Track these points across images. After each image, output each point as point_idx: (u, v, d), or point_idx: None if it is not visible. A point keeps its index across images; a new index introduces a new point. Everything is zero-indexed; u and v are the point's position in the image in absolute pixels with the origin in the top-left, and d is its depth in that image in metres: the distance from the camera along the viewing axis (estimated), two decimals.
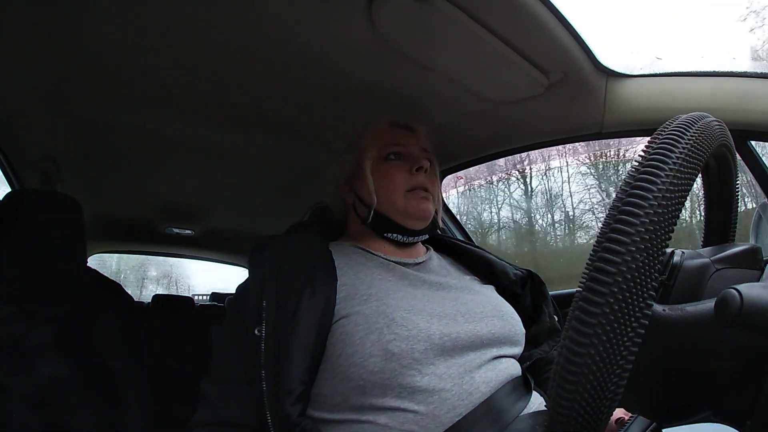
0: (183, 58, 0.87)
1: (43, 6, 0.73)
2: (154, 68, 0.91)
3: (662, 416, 0.38)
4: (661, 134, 0.31)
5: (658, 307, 0.33)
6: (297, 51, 0.84)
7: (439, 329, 0.66)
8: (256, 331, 0.65)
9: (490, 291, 0.82)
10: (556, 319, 0.86)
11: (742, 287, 0.29)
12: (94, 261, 2.51)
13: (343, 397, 0.64)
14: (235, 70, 0.91)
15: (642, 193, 0.28)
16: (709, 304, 0.33)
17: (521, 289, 0.86)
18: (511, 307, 0.79)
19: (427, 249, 0.89)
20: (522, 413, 0.64)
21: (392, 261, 0.80)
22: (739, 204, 0.48)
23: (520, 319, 0.78)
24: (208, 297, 2.79)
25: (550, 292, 0.89)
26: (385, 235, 0.82)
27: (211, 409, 0.66)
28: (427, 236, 0.87)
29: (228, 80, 0.95)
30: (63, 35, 0.80)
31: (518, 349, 0.75)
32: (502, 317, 0.74)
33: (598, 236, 0.29)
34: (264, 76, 0.93)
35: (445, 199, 1.48)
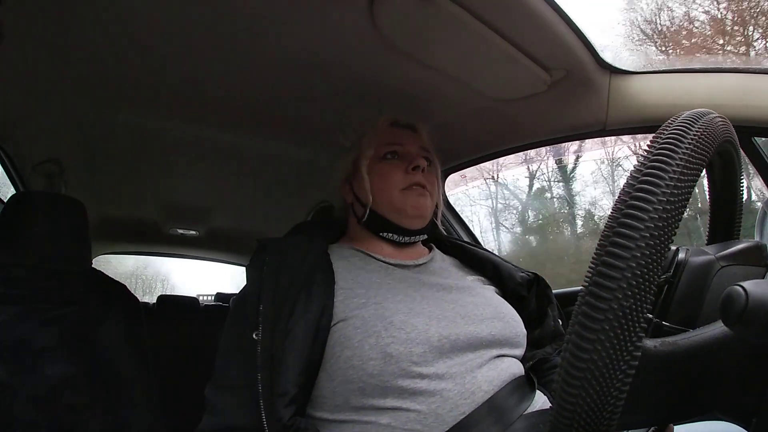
0: (187, 59, 0.87)
1: (47, 8, 0.74)
2: (159, 70, 0.91)
3: (666, 417, 0.37)
4: (665, 132, 0.31)
5: (649, 343, 0.33)
6: (299, 50, 0.84)
7: (438, 331, 0.65)
8: (254, 336, 0.66)
9: (491, 293, 0.81)
10: (560, 323, 0.85)
11: (747, 284, 0.29)
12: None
13: (343, 398, 0.64)
14: (238, 70, 0.91)
15: (641, 203, 0.28)
16: (702, 336, 0.33)
17: (527, 291, 0.85)
18: (513, 308, 0.78)
19: (430, 249, 0.88)
20: (525, 412, 0.64)
21: (391, 264, 0.79)
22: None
23: (521, 320, 0.77)
24: (213, 297, 2.80)
25: (554, 291, 0.88)
26: (381, 234, 0.82)
27: (217, 416, 0.66)
28: (425, 236, 0.86)
29: (232, 81, 0.95)
30: (67, 37, 0.81)
31: (519, 351, 0.74)
32: (503, 319, 0.73)
33: (598, 244, 0.29)
34: (267, 76, 0.93)
35: (448, 195, 1.48)
